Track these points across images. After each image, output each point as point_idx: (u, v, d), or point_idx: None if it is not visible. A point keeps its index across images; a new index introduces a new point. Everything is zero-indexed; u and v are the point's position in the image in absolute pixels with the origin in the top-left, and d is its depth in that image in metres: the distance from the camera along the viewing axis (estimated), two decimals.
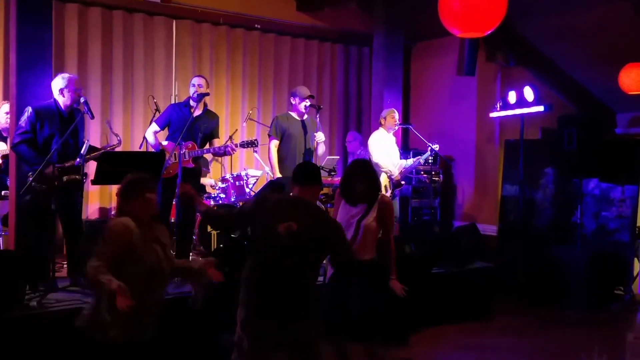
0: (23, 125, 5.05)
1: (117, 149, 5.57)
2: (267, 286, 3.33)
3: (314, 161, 6.28)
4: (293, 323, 3.32)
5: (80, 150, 4.98)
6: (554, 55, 8.68)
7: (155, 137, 5.93)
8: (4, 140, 6.19)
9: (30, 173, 4.93)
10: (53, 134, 5.07)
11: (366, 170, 4.24)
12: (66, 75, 5.25)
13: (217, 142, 5.97)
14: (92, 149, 5.16)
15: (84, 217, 6.83)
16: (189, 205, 4.81)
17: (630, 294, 7.26)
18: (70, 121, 5.11)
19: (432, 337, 5.86)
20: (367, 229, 4.13)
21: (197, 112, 5.76)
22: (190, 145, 5.71)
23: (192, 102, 5.81)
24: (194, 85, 5.83)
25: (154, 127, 5.93)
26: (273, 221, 3.33)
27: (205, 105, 5.93)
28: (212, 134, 5.93)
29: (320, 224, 3.45)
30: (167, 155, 5.61)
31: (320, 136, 6.34)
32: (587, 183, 7.80)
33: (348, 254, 3.61)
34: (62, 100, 5.15)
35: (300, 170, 3.66)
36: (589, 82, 8.93)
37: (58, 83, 5.17)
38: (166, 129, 5.96)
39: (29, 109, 5.08)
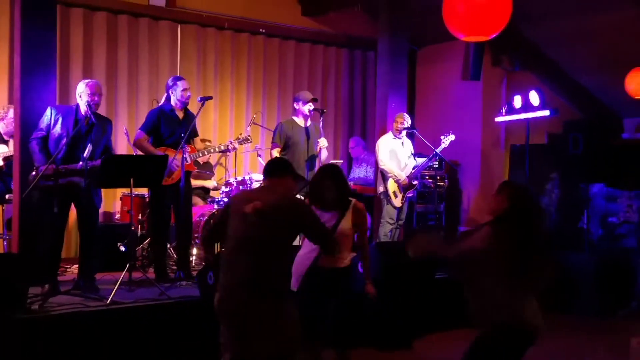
0: (40, 123, 5.13)
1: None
2: (234, 260, 3.45)
3: (316, 167, 6.25)
4: (257, 298, 3.36)
5: (83, 154, 4.97)
6: (560, 59, 8.65)
7: (150, 145, 5.71)
8: (5, 143, 6.21)
9: (33, 169, 4.95)
10: (63, 136, 5.06)
11: (334, 176, 4.14)
12: (87, 80, 5.28)
13: (198, 140, 6.04)
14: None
15: None
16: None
17: (637, 301, 7.18)
18: (88, 126, 5.11)
19: (437, 342, 5.80)
20: (342, 234, 4.06)
21: (182, 115, 5.78)
22: (189, 149, 5.70)
23: (175, 103, 5.72)
24: (185, 89, 5.71)
25: (142, 134, 5.70)
26: (242, 204, 3.49)
27: None
28: (193, 132, 5.91)
29: (288, 206, 3.54)
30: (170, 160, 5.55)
31: (323, 142, 6.32)
32: (593, 188, 7.75)
33: (323, 238, 3.70)
34: (82, 105, 5.15)
35: (269, 166, 3.80)
36: (595, 87, 8.89)
37: (79, 88, 5.20)
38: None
39: (48, 109, 5.15)
